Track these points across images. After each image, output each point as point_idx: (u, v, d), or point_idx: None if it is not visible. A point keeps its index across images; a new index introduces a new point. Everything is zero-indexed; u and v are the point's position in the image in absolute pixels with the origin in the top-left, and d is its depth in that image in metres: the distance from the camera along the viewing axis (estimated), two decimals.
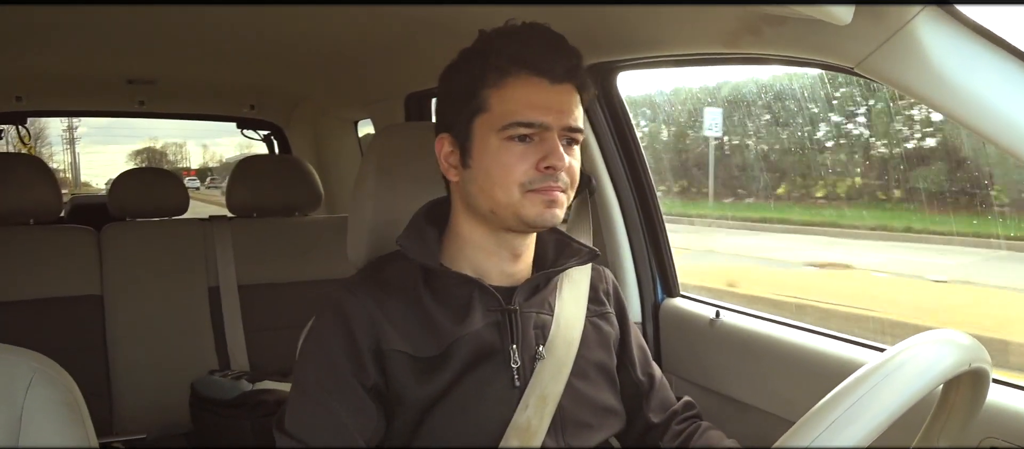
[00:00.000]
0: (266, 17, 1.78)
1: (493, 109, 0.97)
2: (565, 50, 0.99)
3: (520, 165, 0.95)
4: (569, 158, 0.97)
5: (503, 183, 0.96)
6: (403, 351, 0.97)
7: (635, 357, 1.15)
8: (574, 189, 1.00)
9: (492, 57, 0.98)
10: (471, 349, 0.98)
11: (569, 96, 0.98)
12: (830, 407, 0.66)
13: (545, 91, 0.96)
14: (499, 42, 0.99)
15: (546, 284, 1.07)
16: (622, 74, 1.63)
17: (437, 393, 0.96)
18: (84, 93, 3.06)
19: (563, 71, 0.97)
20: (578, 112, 0.99)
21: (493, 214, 0.99)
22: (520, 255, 1.04)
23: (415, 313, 1.00)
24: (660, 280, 1.70)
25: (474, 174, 0.99)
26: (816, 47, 1.03)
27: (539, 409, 0.98)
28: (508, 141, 0.96)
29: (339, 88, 2.75)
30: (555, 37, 0.99)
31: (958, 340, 0.73)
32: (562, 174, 0.96)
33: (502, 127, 0.96)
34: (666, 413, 1.15)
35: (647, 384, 1.15)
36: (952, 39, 0.86)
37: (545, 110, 0.95)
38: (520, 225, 0.99)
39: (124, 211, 2.37)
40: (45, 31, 1.94)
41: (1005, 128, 0.84)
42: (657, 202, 1.69)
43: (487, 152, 0.97)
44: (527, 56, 0.96)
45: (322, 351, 0.98)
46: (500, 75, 0.97)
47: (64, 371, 0.98)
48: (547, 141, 0.96)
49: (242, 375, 2.07)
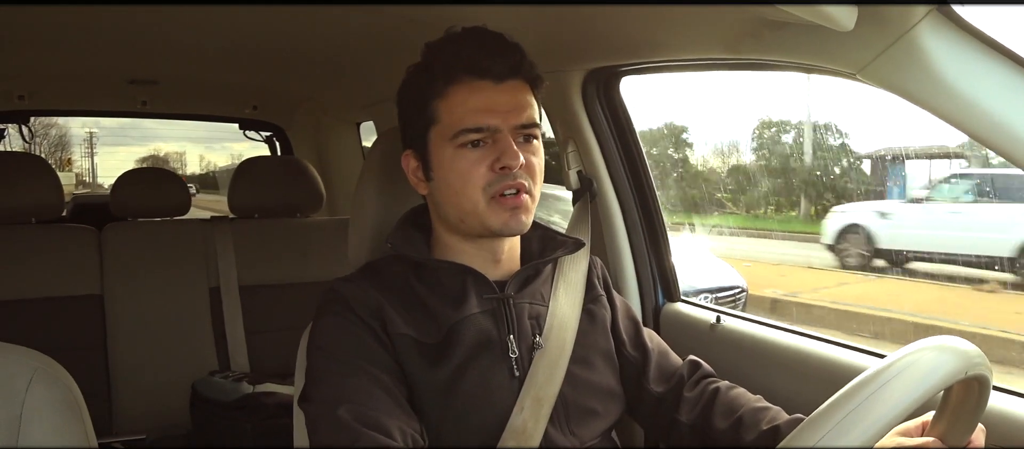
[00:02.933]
0: (268, 18, 1.78)
1: (442, 119, 0.98)
2: (505, 48, 0.99)
3: (476, 170, 0.96)
4: (527, 155, 0.97)
5: (464, 191, 0.97)
6: (409, 335, 0.97)
7: (623, 335, 1.14)
8: (538, 186, 1.00)
9: (435, 67, 0.99)
10: (471, 334, 0.98)
11: (517, 93, 0.98)
12: (831, 412, 0.67)
13: (489, 92, 0.97)
14: (439, 51, 0.99)
15: (537, 276, 1.08)
16: (625, 79, 1.64)
17: (446, 380, 0.96)
18: (86, 93, 3.06)
19: (506, 69, 0.97)
20: (531, 108, 0.99)
21: (462, 222, 1.00)
22: (500, 259, 1.05)
23: (413, 303, 1.00)
24: (661, 285, 1.70)
25: (438, 185, 1.01)
26: (818, 53, 1.03)
27: (534, 411, 0.98)
28: (461, 149, 0.97)
29: (341, 89, 2.76)
30: (494, 37, 0.99)
31: (959, 346, 0.73)
32: (520, 172, 0.96)
33: (452, 136, 0.96)
34: (671, 382, 1.12)
35: (640, 358, 1.13)
36: (955, 45, 0.86)
37: (491, 112, 0.96)
38: (487, 233, 1.00)
39: (126, 211, 2.37)
40: (48, 30, 1.94)
41: (1007, 135, 0.84)
42: (659, 207, 1.69)
43: (444, 163, 0.98)
44: (466, 61, 0.97)
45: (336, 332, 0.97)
46: (444, 84, 0.98)
47: (64, 370, 0.98)
48: (499, 142, 0.96)
49: (243, 377, 2.07)
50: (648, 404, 1.12)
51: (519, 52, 1.00)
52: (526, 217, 0.99)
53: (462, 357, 0.97)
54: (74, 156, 25.73)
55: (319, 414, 0.91)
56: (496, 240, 1.03)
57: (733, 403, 1.06)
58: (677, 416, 1.09)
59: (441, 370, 0.96)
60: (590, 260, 1.17)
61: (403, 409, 0.92)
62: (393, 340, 0.96)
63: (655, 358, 1.14)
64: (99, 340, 2.17)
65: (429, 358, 0.97)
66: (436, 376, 0.96)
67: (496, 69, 0.97)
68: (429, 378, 0.96)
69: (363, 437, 0.86)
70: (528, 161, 0.98)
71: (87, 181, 25.57)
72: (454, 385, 0.96)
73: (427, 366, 0.96)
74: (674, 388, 1.11)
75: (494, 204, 0.96)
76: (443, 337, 0.98)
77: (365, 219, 1.14)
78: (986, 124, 0.85)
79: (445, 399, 0.96)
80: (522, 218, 0.98)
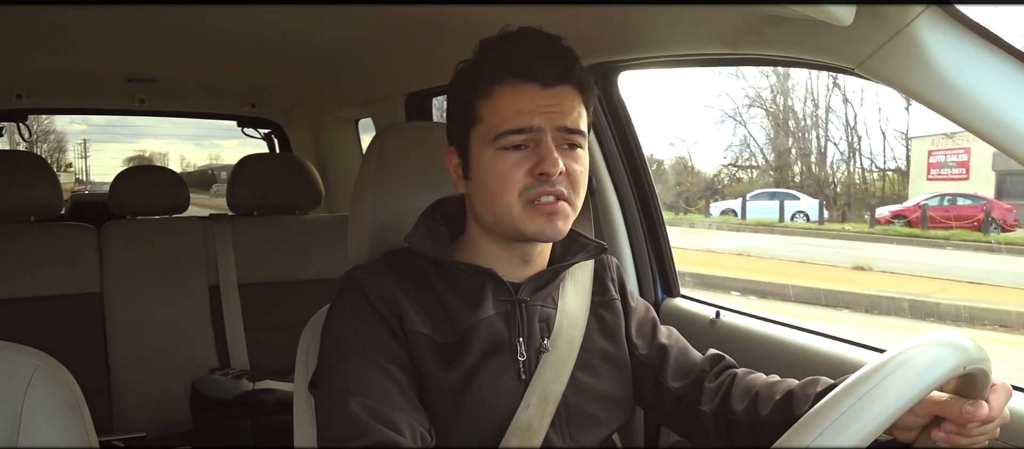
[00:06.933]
0: (267, 16, 1.78)
1: (485, 120, 0.96)
2: (556, 52, 0.96)
3: (515, 173, 0.94)
4: (569, 162, 0.95)
5: (500, 195, 0.95)
6: (425, 333, 0.96)
7: (640, 338, 1.12)
8: (579, 195, 0.98)
9: (482, 68, 0.96)
10: (485, 336, 0.97)
11: (565, 99, 0.96)
12: (831, 407, 0.67)
13: (535, 96, 0.94)
14: (488, 51, 0.97)
15: (554, 278, 1.06)
16: (623, 74, 1.64)
17: (458, 381, 0.95)
18: (84, 91, 3.06)
19: (555, 74, 0.95)
20: (578, 113, 0.97)
21: (496, 225, 0.98)
22: (530, 261, 1.03)
23: (431, 300, 0.99)
24: (660, 280, 1.70)
25: (475, 186, 0.99)
26: (817, 48, 1.03)
27: (540, 409, 0.97)
28: (502, 151, 0.94)
29: (340, 87, 2.75)
30: (546, 40, 0.96)
31: (958, 342, 0.74)
32: (560, 180, 0.94)
33: (494, 137, 0.94)
34: (690, 376, 1.10)
35: (657, 357, 1.11)
36: (953, 40, 0.86)
37: (533, 114, 0.93)
38: (521, 238, 0.98)
39: (125, 209, 2.37)
40: (46, 29, 1.94)
41: (1005, 130, 0.84)
42: (658, 202, 1.70)
43: (483, 164, 0.96)
44: (514, 63, 0.94)
45: (352, 322, 0.96)
46: (489, 85, 0.95)
47: (64, 369, 0.98)
48: (541, 146, 0.93)
49: (243, 374, 2.07)
50: (669, 402, 1.10)
51: (571, 57, 0.97)
52: (563, 224, 0.96)
53: (475, 359, 0.96)
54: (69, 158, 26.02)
55: (330, 403, 0.91)
56: (529, 244, 1.01)
57: (750, 385, 1.05)
58: (700, 407, 1.07)
59: (454, 371, 0.96)
60: (606, 260, 1.15)
61: (413, 406, 0.92)
62: (408, 337, 0.96)
63: (673, 355, 1.11)
64: (99, 338, 2.17)
65: (444, 358, 0.96)
66: (449, 377, 0.95)
67: (545, 73, 0.94)
68: (442, 378, 0.96)
69: (373, 431, 0.85)
70: (569, 168, 0.95)
71: (82, 180, 25.80)
72: (466, 387, 0.96)
73: (441, 366, 0.96)
74: (694, 382, 1.09)
75: (529, 209, 0.94)
76: (459, 338, 0.97)
77: (364, 216, 1.14)
78: (983, 118, 0.85)
79: (456, 400, 0.96)
80: (558, 224, 0.95)
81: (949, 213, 9.54)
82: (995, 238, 8.48)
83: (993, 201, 9.34)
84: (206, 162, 28.65)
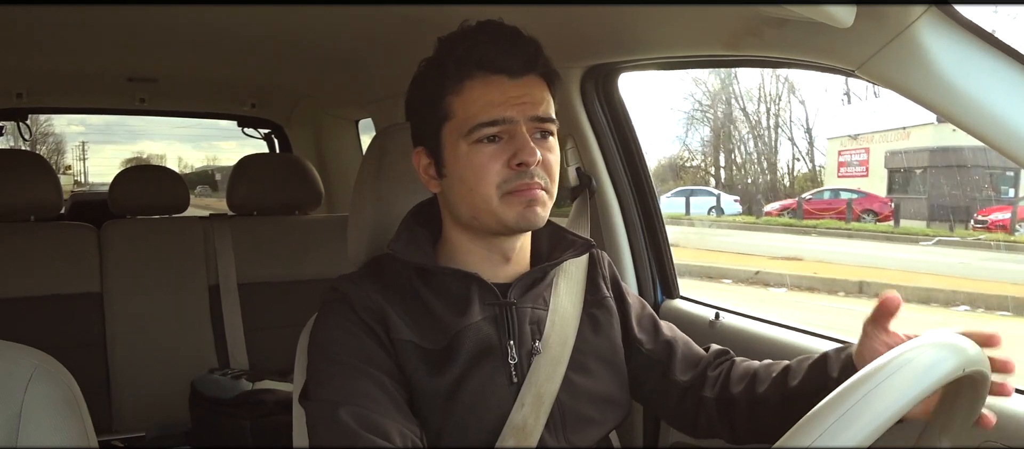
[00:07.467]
0: (267, 16, 1.78)
1: (457, 115, 0.96)
2: (520, 43, 0.97)
3: (492, 166, 0.94)
4: (543, 151, 0.96)
5: (479, 188, 0.95)
6: (411, 341, 0.96)
7: (641, 334, 1.12)
8: (555, 183, 0.98)
9: (448, 63, 0.96)
10: (474, 341, 0.97)
11: (534, 88, 0.97)
12: (830, 408, 0.67)
13: (504, 87, 0.95)
14: (453, 46, 0.97)
15: (543, 278, 1.06)
16: (623, 76, 1.64)
17: (448, 387, 0.95)
18: (85, 90, 3.06)
19: (521, 65, 0.96)
20: (547, 103, 0.98)
21: (475, 220, 0.98)
22: (511, 257, 1.03)
23: (416, 307, 0.99)
24: (660, 282, 1.70)
25: (451, 183, 0.98)
26: (817, 49, 1.03)
27: (535, 408, 0.97)
28: (477, 144, 0.94)
29: (340, 87, 2.75)
30: (509, 31, 0.97)
31: (958, 343, 0.74)
32: (536, 169, 0.95)
33: (468, 131, 0.94)
34: (697, 368, 1.11)
35: (665, 352, 1.11)
36: (953, 42, 0.86)
37: (506, 105, 0.94)
38: (503, 229, 0.98)
39: (124, 208, 2.37)
40: (47, 29, 1.94)
41: (1005, 132, 0.84)
42: (657, 204, 1.69)
43: (458, 159, 0.96)
44: (482, 56, 0.95)
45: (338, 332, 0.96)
46: (458, 80, 0.96)
47: (64, 368, 0.98)
48: (516, 137, 0.94)
49: (242, 374, 2.07)
50: (675, 395, 1.10)
51: (535, 47, 0.98)
52: (542, 211, 0.97)
53: (464, 365, 0.96)
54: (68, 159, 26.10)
55: (319, 414, 0.91)
56: (508, 238, 1.01)
57: (747, 368, 1.07)
58: (703, 393, 1.08)
59: (443, 377, 0.96)
60: (597, 257, 1.15)
61: (403, 412, 0.92)
62: (395, 345, 0.96)
63: (680, 348, 1.12)
64: (99, 338, 2.17)
65: (431, 365, 0.96)
66: (438, 383, 0.95)
67: (512, 64, 0.95)
68: (431, 384, 0.95)
69: (363, 439, 0.85)
70: (545, 158, 0.96)
71: (81, 182, 25.91)
72: (455, 392, 0.96)
73: (429, 372, 0.96)
74: (700, 373, 1.10)
75: (508, 198, 0.94)
76: (447, 344, 0.97)
77: (364, 216, 1.14)
78: (983, 120, 0.85)
79: (446, 405, 0.95)
80: (538, 211, 0.96)
81: (821, 206, 11.31)
82: (855, 226, 10.11)
83: (872, 195, 10.92)
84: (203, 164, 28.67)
